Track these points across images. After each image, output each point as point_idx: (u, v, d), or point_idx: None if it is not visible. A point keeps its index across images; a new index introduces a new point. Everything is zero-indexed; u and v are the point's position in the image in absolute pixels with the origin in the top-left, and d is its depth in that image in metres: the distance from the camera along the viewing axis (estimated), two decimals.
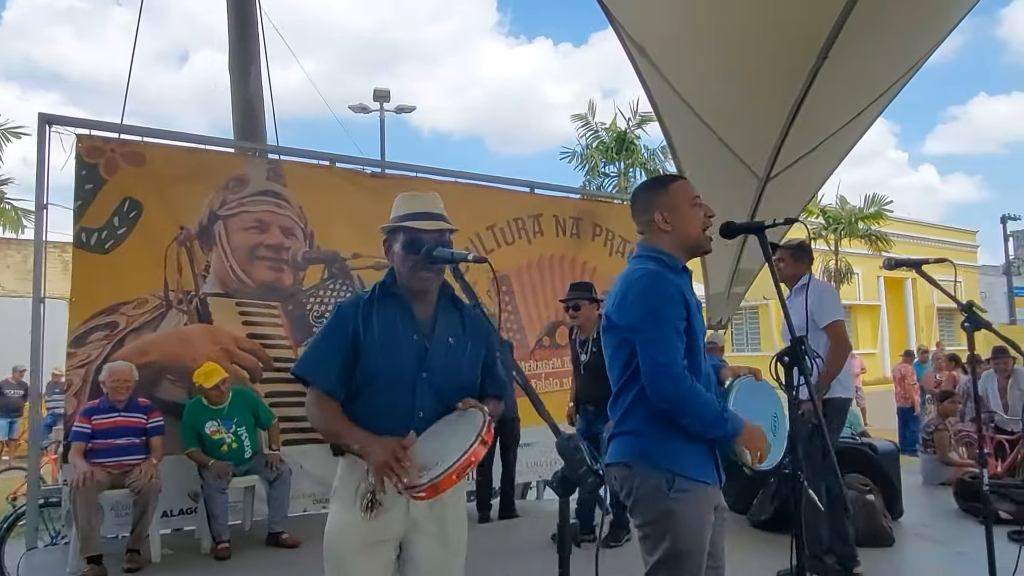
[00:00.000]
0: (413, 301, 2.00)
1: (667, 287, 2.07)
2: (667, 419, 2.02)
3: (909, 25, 6.79)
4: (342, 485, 1.97)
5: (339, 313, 1.98)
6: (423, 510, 1.91)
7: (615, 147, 16.26)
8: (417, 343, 1.96)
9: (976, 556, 4.27)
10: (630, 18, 6.48)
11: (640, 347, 2.05)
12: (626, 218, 7.14)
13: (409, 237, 1.94)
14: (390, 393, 1.92)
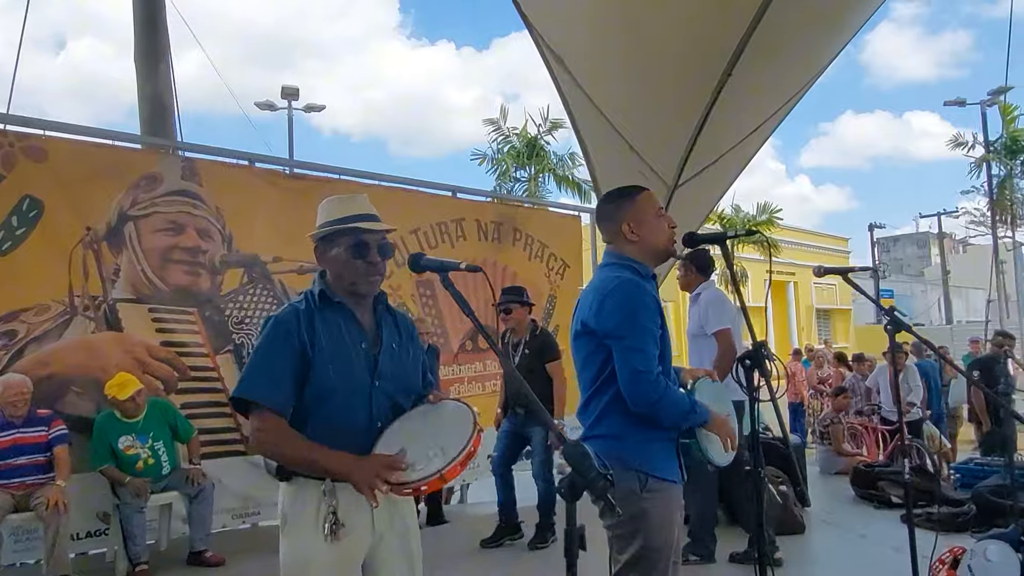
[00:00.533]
0: (356, 308, 1.94)
1: (644, 296, 2.17)
2: (641, 422, 2.11)
3: (803, 46, 7.32)
4: (295, 513, 1.83)
5: (280, 327, 1.84)
6: (387, 522, 1.88)
7: (526, 152, 16.56)
8: (366, 352, 1.91)
9: (876, 538, 4.69)
10: (549, 28, 6.60)
11: (619, 353, 2.13)
12: (544, 223, 7.33)
13: (355, 241, 1.88)
14: (346, 407, 1.85)
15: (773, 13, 6.30)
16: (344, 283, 1.92)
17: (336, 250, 1.91)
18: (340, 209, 1.94)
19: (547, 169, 16.82)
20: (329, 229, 1.92)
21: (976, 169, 19.25)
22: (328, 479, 1.78)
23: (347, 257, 1.89)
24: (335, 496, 1.78)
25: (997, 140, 18.50)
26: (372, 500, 1.70)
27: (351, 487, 1.80)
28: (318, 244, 1.95)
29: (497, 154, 16.99)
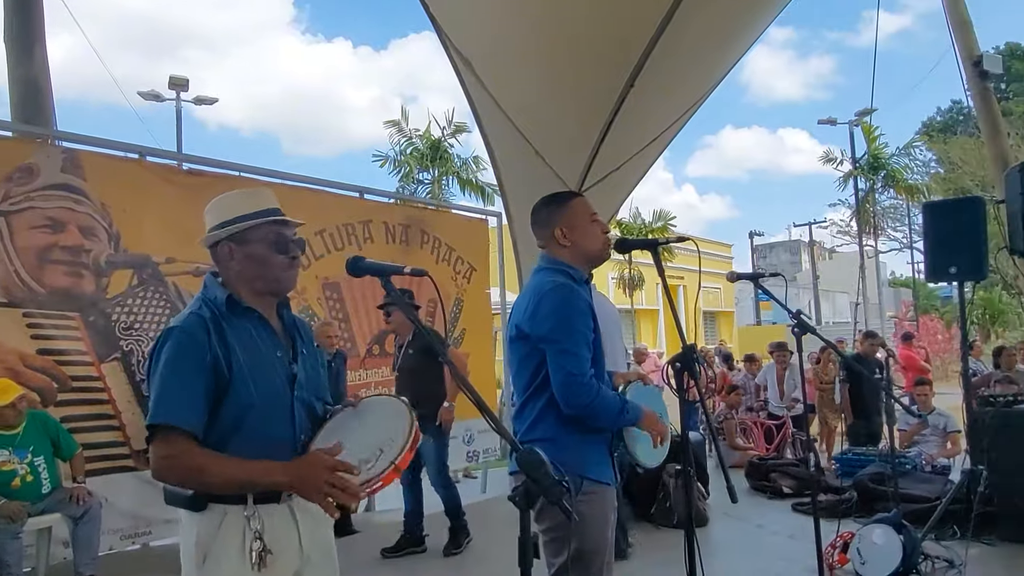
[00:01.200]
0: (265, 314, 1.80)
1: (578, 300, 2.19)
2: (576, 425, 2.14)
3: (701, 60, 7.70)
4: (217, 545, 1.65)
5: (187, 338, 1.63)
6: (312, 540, 1.78)
7: (430, 155, 16.42)
8: (282, 360, 1.78)
9: (772, 527, 4.98)
10: (457, 31, 6.59)
11: (552, 357, 2.14)
12: (451, 226, 7.29)
13: (276, 235, 1.75)
14: (269, 424, 1.70)
15: (672, 30, 6.60)
16: (262, 283, 1.76)
17: (250, 247, 1.74)
18: (249, 204, 1.78)
19: (451, 172, 16.81)
20: (246, 224, 1.73)
21: (844, 183, 21.09)
22: (251, 503, 1.65)
23: (267, 253, 1.74)
24: (260, 520, 1.65)
25: (862, 157, 20.28)
26: (332, 512, 1.58)
27: (275, 509, 1.69)
28: (222, 243, 1.75)
29: (400, 156, 16.84)
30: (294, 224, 1.82)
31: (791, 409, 8.10)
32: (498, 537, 5.12)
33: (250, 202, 1.79)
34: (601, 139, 7.71)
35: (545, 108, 7.29)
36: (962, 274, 4.69)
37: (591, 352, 2.17)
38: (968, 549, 4.02)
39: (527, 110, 7.22)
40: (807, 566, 4.00)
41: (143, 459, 4.60)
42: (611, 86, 7.17)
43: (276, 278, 1.77)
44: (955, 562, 3.88)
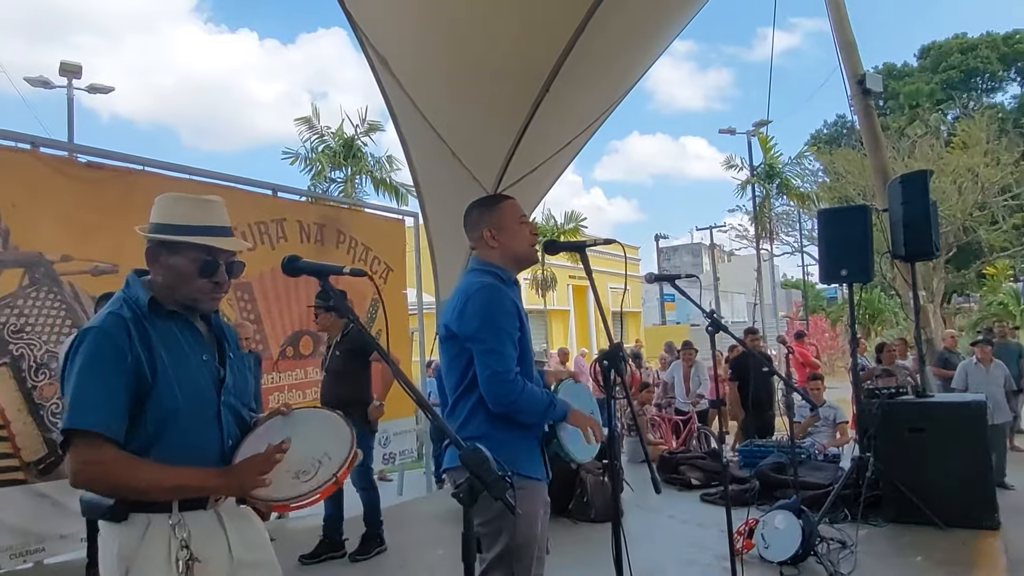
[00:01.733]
0: (193, 318, 1.77)
1: (503, 300, 2.24)
2: (506, 422, 2.19)
3: (613, 67, 7.94)
4: (142, 555, 1.59)
5: (107, 340, 1.57)
6: (242, 546, 1.74)
7: (343, 153, 16.03)
8: (209, 364, 1.74)
9: (683, 517, 5.22)
10: (375, 30, 6.52)
11: (478, 356, 2.20)
12: (368, 226, 7.19)
13: (207, 259, 1.69)
14: (196, 429, 1.66)
15: (586, 38, 6.79)
16: (179, 296, 1.71)
17: (178, 260, 1.68)
18: (192, 214, 1.71)
19: (364, 171, 16.48)
20: (177, 238, 1.67)
21: (742, 190, 22.27)
22: (176, 510, 1.61)
23: (191, 272, 1.68)
24: (186, 528, 1.61)
25: (759, 166, 21.49)
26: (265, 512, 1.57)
27: (202, 516, 1.65)
28: (154, 244, 1.70)
29: (311, 153, 16.36)
30: (227, 253, 1.75)
31: (696, 405, 8.50)
32: (417, 540, 5.11)
33: (196, 213, 1.72)
34: (517, 142, 7.82)
35: (462, 110, 7.31)
36: (851, 276, 5.09)
37: (517, 350, 2.23)
38: (858, 530, 4.36)
39: (444, 111, 7.22)
40: (717, 553, 4.23)
41: (33, 471, 4.31)
42: (528, 90, 7.29)
43: (193, 299, 1.72)
44: (847, 543, 4.19)
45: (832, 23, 9.48)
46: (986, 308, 23.33)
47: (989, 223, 21.55)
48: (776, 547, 3.97)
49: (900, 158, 19.53)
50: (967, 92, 35.82)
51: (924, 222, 5.04)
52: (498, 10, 6.32)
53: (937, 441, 4.77)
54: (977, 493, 4.65)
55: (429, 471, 7.63)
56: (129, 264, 5.00)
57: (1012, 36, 36.44)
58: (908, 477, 4.73)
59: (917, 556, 4.14)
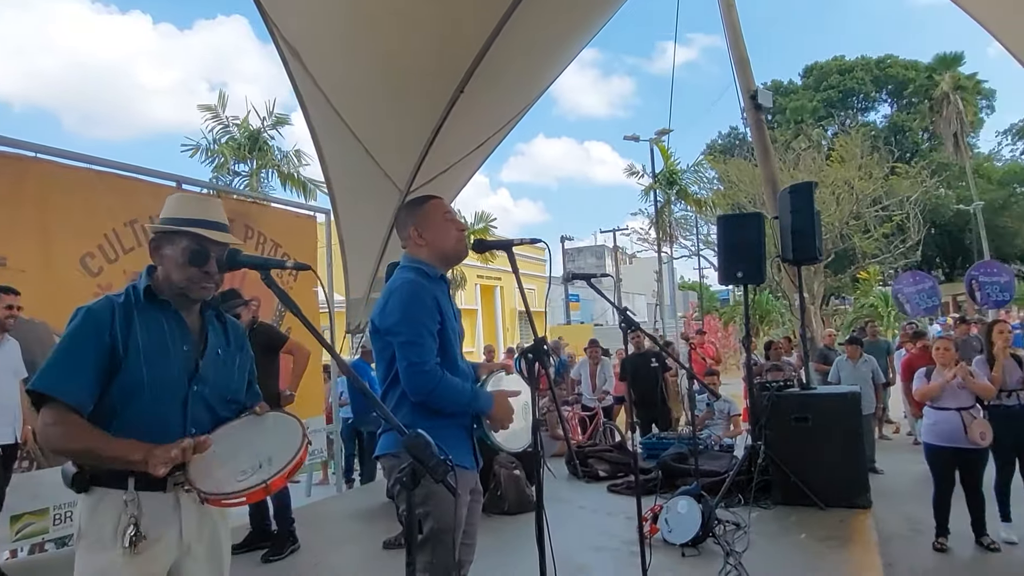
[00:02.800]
0: (183, 310, 1.88)
1: (423, 294, 2.33)
2: (430, 411, 2.27)
3: (526, 72, 8.14)
4: (93, 524, 1.72)
5: (90, 318, 1.74)
6: (195, 532, 1.81)
7: (248, 145, 15.41)
8: (188, 354, 1.85)
9: (592, 507, 5.45)
10: (286, 21, 6.40)
11: (397, 349, 2.29)
12: (278, 222, 7.05)
13: (195, 247, 1.82)
14: (158, 408, 1.77)
15: (501, 41, 6.94)
16: (173, 286, 1.84)
17: (171, 250, 1.83)
18: (188, 209, 1.87)
19: (271, 165, 15.90)
20: (169, 228, 1.83)
21: (645, 195, 23.16)
22: (131, 488, 1.70)
23: (181, 261, 1.82)
24: (139, 507, 1.70)
25: (660, 172, 22.45)
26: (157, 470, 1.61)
27: (159, 497, 1.72)
28: (154, 239, 1.88)
29: (213, 144, 15.61)
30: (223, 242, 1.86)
31: (602, 401, 8.83)
32: (330, 539, 5.07)
33: (192, 208, 1.87)
34: (431, 141, 7.87)
35: (377, 108, 7.29)
36: (746, 278, 5.49)
37: (436, 342, 2.32)
38: (751, 513, 4.73)
39: (358, 109, 7.17)
40: (625, 539, 4.47)
41: None
42: (442, 91, 7.36)
43: (183, 287, 1.84)
44: (741, 524, 4.53)
45: (728, 40, 10.08)
46: (859, 310, 25.42)
47: (862, 232, 23.45)
48: (678, 530, 4.24)
49: (787, 169, 20.93)
50: (845, 110, 38.84)
51: (810, 229, 5.51)
52: (414, 10, 6.35)
53: (818, 429, 5.22)
54: (852, 476, 5.14)
55: (340, 471, 7.55)
56: (19, 256, 4.77)
57: (884, 60, 39.78)
58: (793, 463, 5.16)
59: (802, 534, 4.54)
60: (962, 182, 34.40)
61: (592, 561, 4.16)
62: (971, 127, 35.90)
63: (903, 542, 4.98)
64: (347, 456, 8.14)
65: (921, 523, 5.14)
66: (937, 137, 36.49)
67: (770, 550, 4.23)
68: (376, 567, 4.32)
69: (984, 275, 12.14)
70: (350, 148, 7.44)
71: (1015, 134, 39.69)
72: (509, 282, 28.60)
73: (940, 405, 4.72)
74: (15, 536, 4.48)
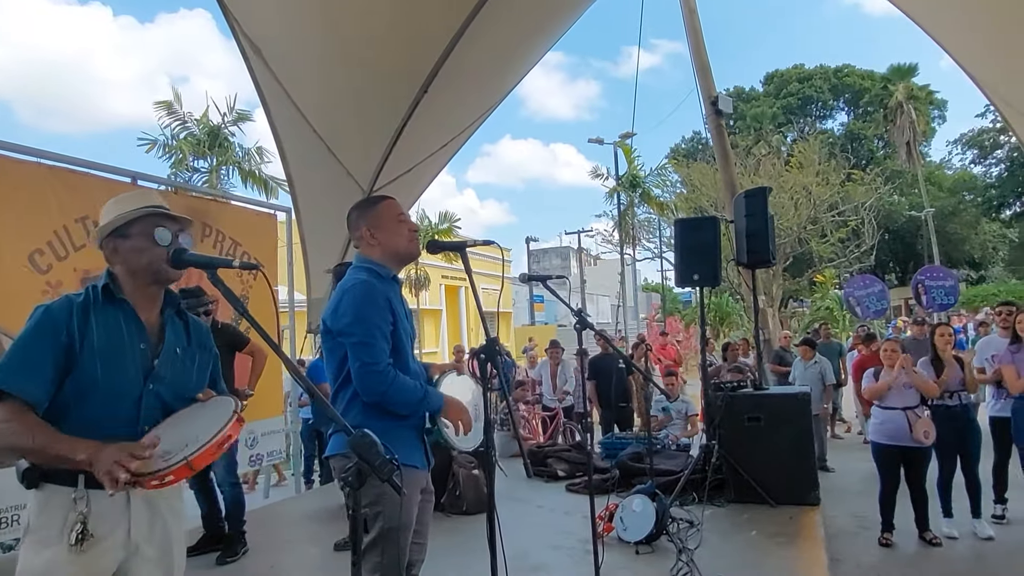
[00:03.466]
0: (141, 308, 1.87)
1: (375, 295, 2.34)
2: (383, 412, 2.29)
3: (490, 72, 8.18)
4: (40, 520, 1.72)
5: (48, 316, 1.75)
6: (144, 532, 1.80)
7: (207, 142, 15.11)
8: (144, 352, 1.85)
9: (551, 506, 5.49)
10: (247, 17, 6.34)
11: (350, 349, 2.30)
12: (237, 220, 6.96)
13: (156, 227, 1.84)
14: (110, 406, 1.77)
15: (465, 42, 6.97)
16: (144, 274, 1.84)
17: (132, 241, 1.83)
18: (133, 202, 1.88)
19: (231, 162, 15.60)
20: (124, 218, 1.83)
21: (610, 197, 23.46)
22: (81, 486, 1.69)
23: (146, 244, 1.82)
24: (88, 504, 1.69)
25: (624, 175, 22.72)
26: (111, 487, 1.59)
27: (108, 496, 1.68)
28: (107, 240, 1.87)
29: (172, 140, 15.25)
30: (178, 220, 1.89)
31: (562, 401, 8.90)
32: (288, 540, 5.04)
33: (135, 201, 1.88)
34: (394, 141, 7.86)
35: (339, 107, 7.25)
36: (702, 281, 5.61)
37: (389, 343, 2.34)
38: (704, 511, 4.83)
39: (321, 107, 7.12)
40: (581, 537, 4.52)
41: None
42: (406, 91, 7.36)
43: (155, 269, 1.84)
44: (694, 522, 4.62)
45: (690, 47, 10.24)
46: (816, 312, 26.02)
47: (819, 236, 24.04)
48: (633, 528, 4.31)
49: (747, 174, 21.34)
50: (804, 117, 39.75)
51: (763, 233, 5.65)
52: (379, 9, 6.34)
53: (769, 429, 5.35)
54: (801, 474, 5.27)
55: (298, 472, 7.48)
56: None
57: (842, 70, 40.82)
58: (746, 461, 5.28)
59: (753, 531, 4.65)
60: (914, 189, 35.53)
61: (549, 560, 4.21)
62: (923, 136, 37.06)
63: (850, 538, 5.14)
64: (307, 457, 8.06)
65: (867, 519, 5.31)
66: (891, 145, 37.59)
67: (722, 547, 4.33)
68: (332, 568, 4.30)
69: (930, 279, 12.56)
70: (312, 146, 7.37)
71: (964, 144, 41.13)
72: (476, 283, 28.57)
73: (887, 404, 4.89)
74: None
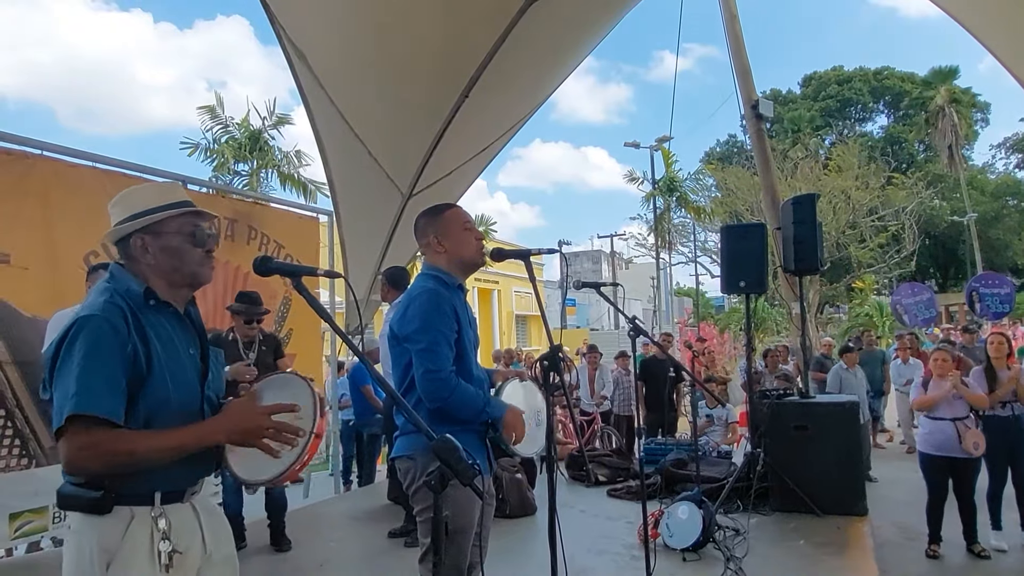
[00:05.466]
0: (181, 310, 1.79)
1: (441, 303, 2.37)
2: (443, 416, 2.31)
3: (530, 79, 8.19)
4: (123, 548, 1.58)
5: (107, 329, 1.57)
6: (213, 538, 1.77)
7: (248, 145, 15.44)
8: (194, 358, 1.78)
9: (592, 511, 5.48)
10: (293, 24, 6.45)
11: (415, 356, 2.33)
12: (281, 223, 7.07)
13: (193, 228, 1.73)
14: (181, 421, 1.65)
15: (506, 49, 6.99)
16: (180, 275, 1.73)
17: (167, 239, 1.70)
18: (161, 197, 1.75)
19: (271, 165, 15.92)
20: (160, 216, 1.69)
21: (647, 201, 23.27)
22: (158, 502, 1.63)
23: (183, 245, 1.72)
24: (167, 520, 1.63)
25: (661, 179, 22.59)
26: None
27: (180, 508, 1.68)
28: (134, 236, 1.71)
29: (213, 144, 15.63)
30: (209, 216, 1.81)
31: (600, 406, 8.86)
32: (332, 538, 5.10)
33: (163, 195, 1.76)
34: (434, 145, 7.91)
35: (381, 111, 7.32)
36: (749, 287, 5.55)
37: (453, 351, 2.36)
38: (750, 519, 4.77)
39: (363, 111, 7.20)
40: (625, 542, 4.51)
41: None
42: (447, 95, 7.40)
43: (193, 271, 1.75)
44: (740, 530, 4.57)
45: (730, 50, 10.14)
46: (854, 319, 25.52)
47: (858, 241, 23.60)
48: (679, 535, 4.28)
49: (784, 178, 21.04)
50: (843, 120, 39.05)
51: (812, 240, 5.57)
52: (421, 15, 6.40)
53: (817, 437, 5.26)
54: (849, 484, 5.18)
55: (337, 473, 7.56)
56: (22, 253, 4.78)
57: (882, 72, 40.05)
58: (792, 470, 5.20)
59: (800, 540, 4.58)
60: (956, 194, 34.66)
61: (594, 564, 4.20)
62: (966, 140, 36.19)
63: (896, 549, 5.04)
64: (346, 458, 8.14)
65: (913, 530, 5.21)
66: (932, 149, 36.76)
67: (770, 556, 4.27)
68: (381, 565, 4.36)
69: (985, 286, 12.27)
70: (353, 150, 7.47)
71: (1008, 148, 40.04)
72: (507, 286, 28.59)
73: (935, 415, 4.80)
74: (13, 534, 4.47)
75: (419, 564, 2.39)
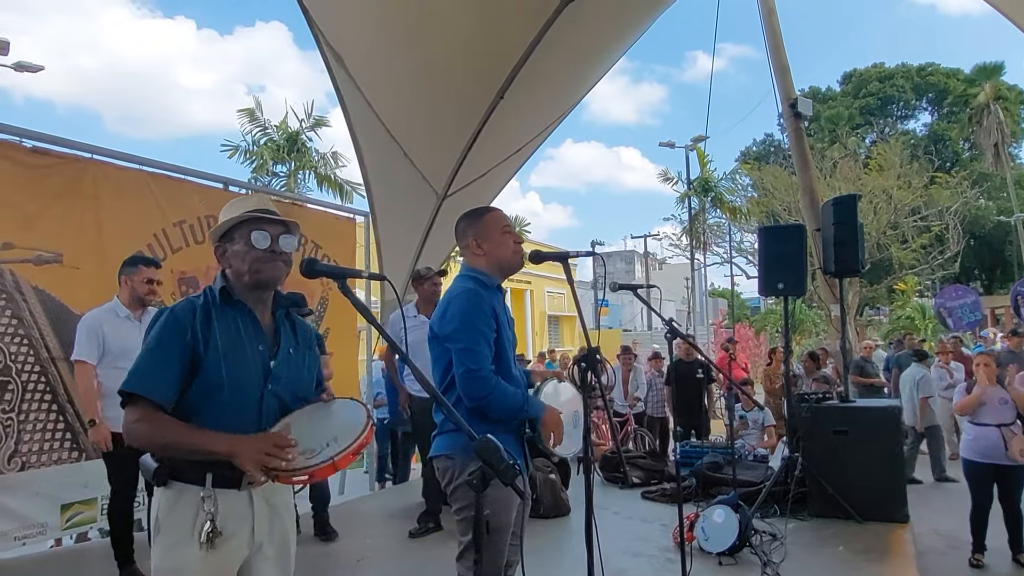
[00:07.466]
0: (256, 310, 1.93)
1: (481, 303, 2.40)
2: (482, 415, 2.33)
3: (565, 80, 8.18)
4: (171, 519, 1.77)
5: (173, 319, 1.80)
6: (266, 531, 1.86)
7: (286, 147, 15.73)
8: (262, 354, 1.90)
9: (626, 513, 5.46)
10: (331, 26, 6.54)
11: (455, 355, 2.36)
12: (319, 224, 7.18)
13: (254, 229, 1.87)
14: (234, 407, 1.81)
15: (542, 49, 7.00)
16: (247, 276, 1.87)
17: (234, 245, 1.89)
18: (238, 208, 1.95)
19: (308, 166, 16.20)
20: (227, 225, 1.91)
21: (681, 202, 23.08)
22: (209, 484, 1.75)
23: (245, 248, 1.87)
24: (215, 503, 1.75)
25: (695, 179, 22.36)
26: (258, 476, 1.68)
27: (233, 495, 1.77)
28: (218, 246, 1.94)
29: (252, 146, 15.96)
30: (286, 223, 1.96)
31: (633, 407, 8.81)
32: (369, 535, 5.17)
33: (236, 207, 1.96)
34: (469, 147, 7.95)
35: (417, 113, 7.39)
36: (788, 289, 5.47)
37: (492, 350, 2.39)
38: (787, 524, 4.70)
39: (398, 112, 7.28)
40: (660, 545, 4.48)
41: None
42: (482, 96, 7.44)
43: (256, 270, 1.87)
44: (777, 535, 4.51)
45: (768, 48, 10.00)
46: (895, 321, 24.94)
47: (900, 242, 23.03)
48: (715, 539, 4.24)
49: (822, 177, 20.62)
50: (884, 118, 38.14)
51: (853, 241, 5.46)
52: (457, 16, 6.44)
53: (857, 442, 5.16)
54: (890, 490, 5.07)
55: (371, 470, 7.65)
56: (74, 253, 4.92)
57: (925, 68, 39.00)
58: (831, 475, 5.11)
59: (839, 546, 4.50)
60: (1003, 193, 33.58)
61: (629, 566, 4.18)
62: (1012, 137, 35.04)
63: (939, 557, 4.93)
64: (380, 456, 8.24)
65: (956, 538, 5.09)
66: (977, 147, 35.70)
67: (808, 561, 4.21)
68: (415, 561, 4.40)
69: None
70: (389, 151, 7.55)
71: None
72: (539, 287, 28.58)
73: (980, 421, 4.68)
74: (64, 525, 4.63)
75: (457, 562, 2.42)
